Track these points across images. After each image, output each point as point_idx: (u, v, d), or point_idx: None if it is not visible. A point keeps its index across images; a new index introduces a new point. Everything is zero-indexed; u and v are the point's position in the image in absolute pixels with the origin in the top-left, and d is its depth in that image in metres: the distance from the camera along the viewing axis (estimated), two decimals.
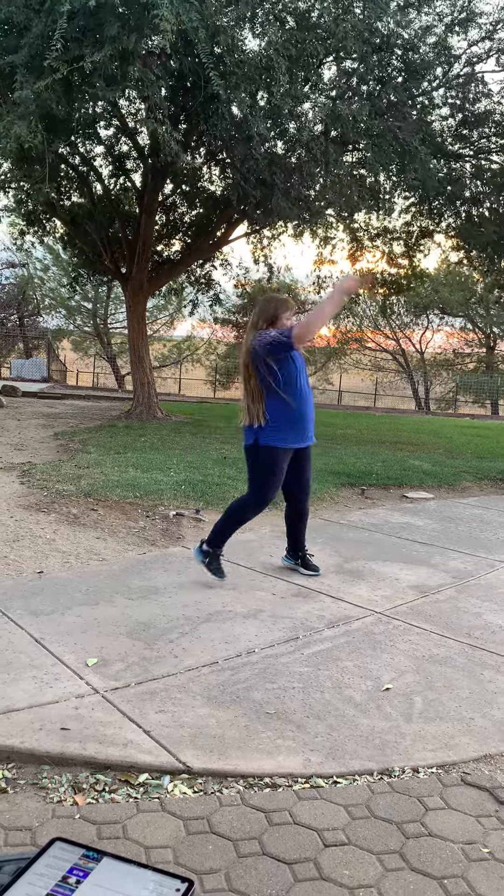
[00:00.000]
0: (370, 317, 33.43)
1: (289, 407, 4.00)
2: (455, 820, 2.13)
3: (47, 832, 1.97)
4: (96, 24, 7.04)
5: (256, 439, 4.04)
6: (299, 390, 4.03)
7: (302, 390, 4.06)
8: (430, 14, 10.01)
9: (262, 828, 2.04)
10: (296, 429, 4.06)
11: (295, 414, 4.03)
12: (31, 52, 7.06)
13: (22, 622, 3.34)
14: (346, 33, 8.20)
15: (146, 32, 7.20)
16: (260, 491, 4.15)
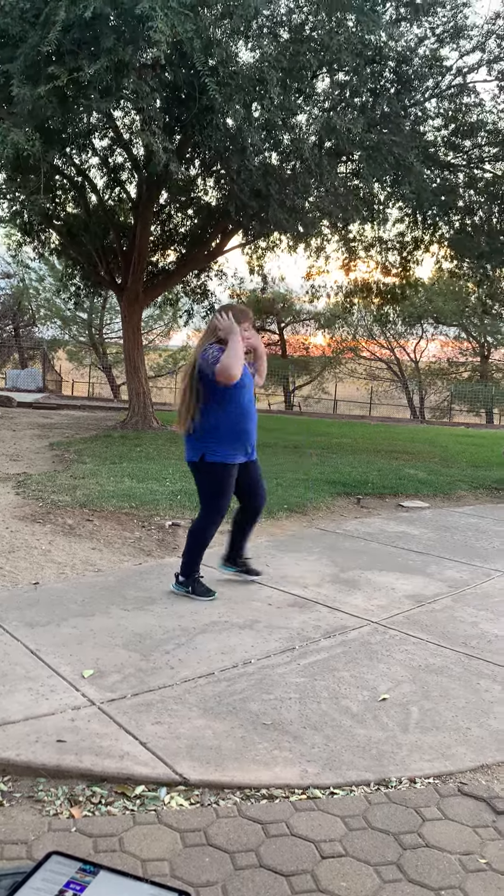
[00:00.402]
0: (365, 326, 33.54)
1: (231, 422, 3.98)
2: (452, 831, 2.12)
3: (43, 846, 1.96)
4: (91, 37, 7.09)
5: (202, 456, 4.00)
6: (242, 407, 4.01)
7: (245, 407, 4.03)
8: (421, 27, 10.10)
9: (259, 839, 2.03)
10: (238, 444, 4.03)
11: (237, 429, 4.00)
12: (27, 62, 7.10)
13: (18, 634, 3.34)
14: (339, 46, 8.26)
15: (141, 45, 7.25)
16: (212, 508, 4.10)
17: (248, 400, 4.07)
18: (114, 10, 6.86)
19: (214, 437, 3.98)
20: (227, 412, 3.98)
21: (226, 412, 3.98)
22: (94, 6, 6.48)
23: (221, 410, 3.98)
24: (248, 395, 4.09)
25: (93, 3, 6.46)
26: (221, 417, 3.97)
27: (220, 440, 3.98)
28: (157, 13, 6.47)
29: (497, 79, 10.73)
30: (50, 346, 31.75)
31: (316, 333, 35.45)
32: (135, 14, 6.63)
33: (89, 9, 6.48)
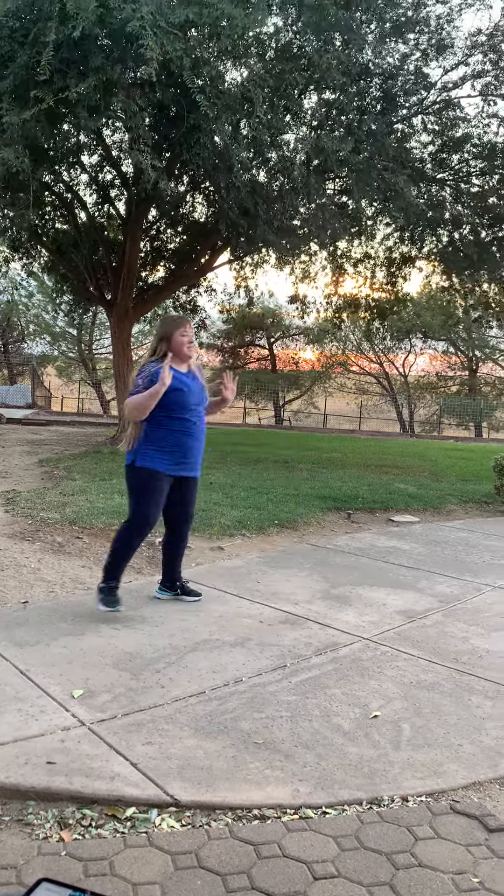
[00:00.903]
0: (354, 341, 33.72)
1: (167, 433, 3.92)
2: (445, 850, 2.11)
3: (33, 870, 1.94)
4: (80, 56, 7.14)
5: (134, 460, 3.96)
6: (181, 421, 3.92)
7: (185, 424, 3.94)
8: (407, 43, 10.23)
9: (251, 861, 2.02)
10: (173, 456, 3.94)
11: (173, 441, 3.93)
12: (16, 81, 7.15)
13: (7, 653, 3.31)
14: (327, 64, 8.36)
15: (130, 64, 7.31)
16: (138, 514, 4.01)
17: (189, 414, 3.95)
18: (103, 29, 6.93)
19: (150, 443, 3.93)
20: (167, 429, 3.92)
21: (165, 428, 3.92)
22: (83, 26, 6.54)
23: (160, 426, 3.92)
24: (193, 410, 3.98)
25: (82, 23, 6.52)
26: (159, 432, 3.92)
27: (154, 447, 3.92)
28: (147, 32, 6.53)
29: (481, 93, 10.88)
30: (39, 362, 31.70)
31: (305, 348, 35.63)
32: (124, 33, 6.69)
33: (78, 28, 6.54)
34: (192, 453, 4.02)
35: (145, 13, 6.55)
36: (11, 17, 7.00)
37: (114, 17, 6.72)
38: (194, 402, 3.98)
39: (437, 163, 11.74)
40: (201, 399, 4.06)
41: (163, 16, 6.83)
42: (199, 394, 4.04)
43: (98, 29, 6.83)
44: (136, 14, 6.54)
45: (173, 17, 6.89)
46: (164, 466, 3.94)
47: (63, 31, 6.72)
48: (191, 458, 4.03)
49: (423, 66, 10.40)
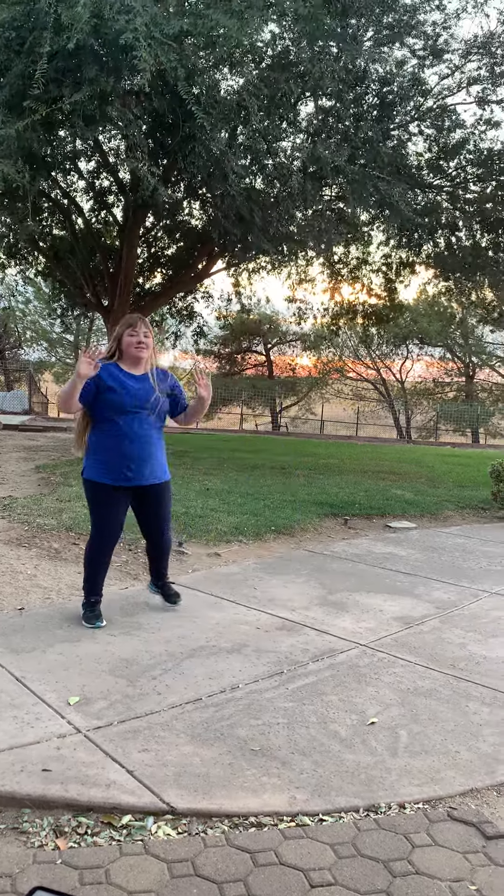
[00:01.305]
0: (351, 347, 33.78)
1: (104, 438, 3.81)
2: (442, 857, 2.11)
3: (28, 879, 1.92)
4: (75, 66, 7.16)
5: (83, 468, 3.89)
6: (122, 431, 3.77)
7: (122, 427, 3.77)
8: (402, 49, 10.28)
9: (248, 869, 2.01)
10: (114, 466, 3.78)
11: (110, 447, 3.78)
12: (12, 91, 7.16)
13: (2, 660, 3.30)
14: (321, 72, 8.39)
15: (124, 73, 7.33)
16: (95, 526, 3.94)
17: (128, 420, 3.78)
18: (98, 40, 6.95)
19: (92, 452, 3.85)
20: (106, 433, 3.80)
21: (104, 432, 3.81)
22: (78, 37, 6.55)
23: (100, 430, 3.83)
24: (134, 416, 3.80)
25: (77, 34, 6.54)
26: (100, 437, 3.82)
27: (96, 458, 3.83)
28: (141, 43, 6.55)
29: (476, 100, 10.93)
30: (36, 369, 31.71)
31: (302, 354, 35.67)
32: (118, 44, 6.71)
33: (73, 39, 6.56)
34: (134, 461, 3.80)
35: (139, 25, 6.57)
36: (7, 27, 7.02)
37: (108, 28, 6.74)
38: (132, 405, 3.77)
39: (433, 169, 11.79)
40: (146, 402, 3.81)
41: (157, 27, 6.85)
42: (143, 396, 3.80)
43: (93, 40, 6.85)
44: (130, 25, 6.55)
45: (168, 29, 6.92)
46: (108, 478, 3.79)
47: (58, 41, 6.74)
48: (134, 466, 3.80)
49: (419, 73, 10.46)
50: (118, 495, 3.85)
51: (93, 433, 3.87)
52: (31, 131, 7.13)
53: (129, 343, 3.84)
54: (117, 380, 3.78)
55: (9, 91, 7.06)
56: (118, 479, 3.80)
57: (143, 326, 3.87)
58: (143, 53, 6.49)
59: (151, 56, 6.62)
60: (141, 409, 3.81)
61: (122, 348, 3.87)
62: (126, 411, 3.77)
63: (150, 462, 3.87)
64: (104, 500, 3.86)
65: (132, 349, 3.84)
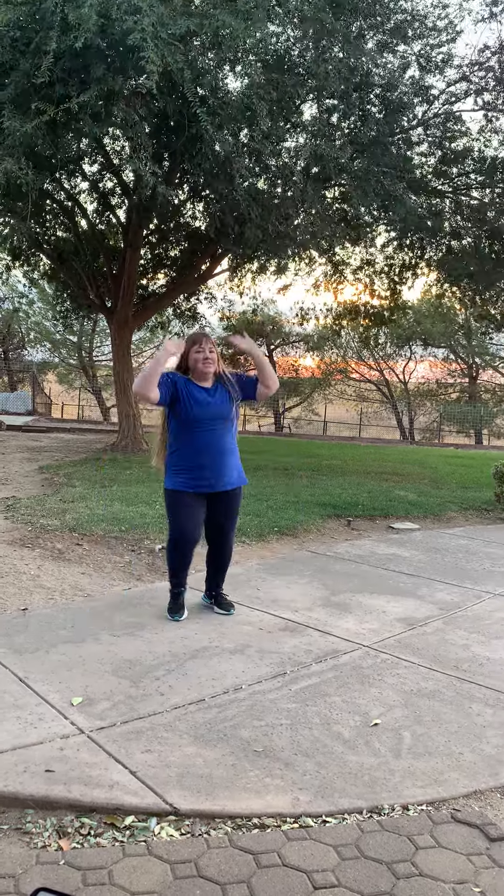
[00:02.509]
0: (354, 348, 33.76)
1: (182, 451, 3.97)
2: (446, 859, 2.10)
3: (31, 879, 1.92)
4: (82, 66, 7.17)
5: (165, 481, 4.07)
6: (192, 437, 3.94)
7: (195, 438, 3.93)
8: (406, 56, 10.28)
9: (251, 870, 2.00)
10: (191, 474, 3.95)
11: (187, 459, 3.95)
12: (17, 90, 7.17)
13: (6, 661, 3.30)
14: (326, 73, 8.39)
15: (130, 73, 7.34)
16: (170, 531, 4.11)
17: (205, 435, 3.94)
18: (105, 40, 6.96)
19: (171, 462, 4.03)
20: (181, 443, 3.98)
21: (179, 443, 3.98)
22: (85, 37, 6.56)
23: (176, 441, 4.00)
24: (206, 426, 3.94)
25: (84, 34, 6.54)
26: (176, 447, 4.00)
27: (173, 468, 4.01)
28: (148, 43, 6.56)
29: (483, 108, 10.92)
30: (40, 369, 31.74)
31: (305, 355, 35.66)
32: (126, 45, 6.72)
33: (80, 39, 6.57)
34: (208, 469, 3.96)
35: (146, 25, 6.58)
36: (13, 27, 7.03)
37: (115, 29, 6.75)
38: (209, 417, 3.94)
39: (437, 174, 11.78)
40: (220, 414, 3.97)
41: (164, 27, 6.86)
42: (217, 408, 3.97)
43: (99, 40, 6.86)
44: (138, 26, 6.56)
45: (174, 29, 6.92)
46: (182, 486, 3.97)
47: (65, 41, 6.75)
48: (210, 474, 3.97)
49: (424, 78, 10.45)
50: (193, 501, 4.01)
51: (170, 447, 4.04)
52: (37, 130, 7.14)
53: (196, 360, 3.97)
54: (192, 393, 3.94)
55: (14, 90, 7.07)
56: (194, 486, 3.97)
57: (207, 343, 4.02)
58: (151, 54, 6.50)
59: (159, 57, 6.63)
60: (216, 420, 3.97)
61: (189, 365, 4.00)
62: (202, 423, 3.93)
63: (226, 470, 4.03)
64: (180, 506, 4.02)
65: (199, 365, 3.96)
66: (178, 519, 4.04)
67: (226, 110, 7.77)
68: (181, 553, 4.12)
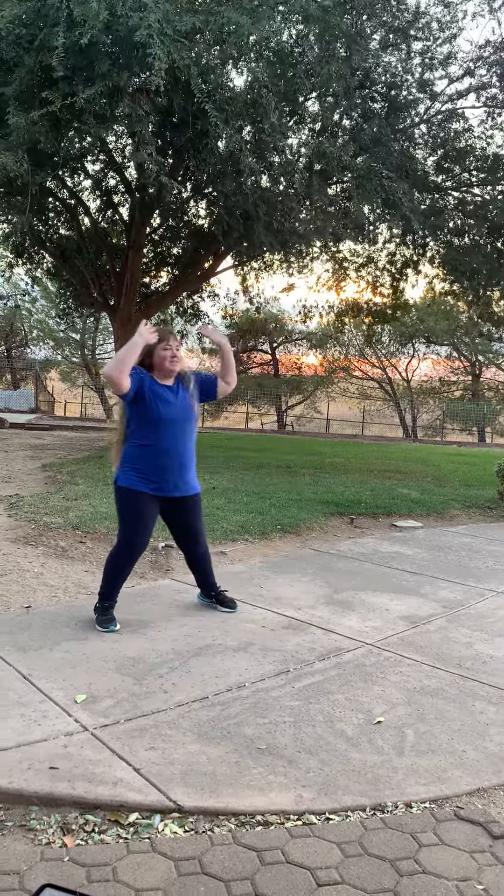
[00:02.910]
0: (356, 346, 33.74)
1: (142, 450, 3.81)
2: (449, 856, 2.10)
3: (35, 876, 1.93)
4: (87, 62, 7.16)
5: (116, 478, 3.89)
6: (156, 437, 3.79)
7: (160, 439, 3.79)
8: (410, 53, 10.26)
9: (255, 867, 2.01)
10: (150, 476, 3.80)
11: (147, 459, 3.80)
12: (22, 86, 7.17)
13: (9, 658, 3.31)
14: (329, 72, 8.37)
15: (136, 69, 7.33)
16: (123, 534, 3.91)
17: (169, 436, 3.81)
18: (110, 37, 6.95)
19: (128, 461, 3.85)
20: (143, 443, 3.82)
21: (141, 443, 3.82)
22: (91, 33, 6.55)
23: (137, 440, 3.83)
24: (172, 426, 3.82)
25: (90, 31, 6.54)
26: (137, 447, 3.83)
27: (131, 466, 3.83)
28: (155, 40, 6.55)
29: (485, 105, 10.90)
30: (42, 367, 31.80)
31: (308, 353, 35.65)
32: (132, 42, 6.71)
33: (86, 35, 6.56)
34: (170, 472, 3.83)
35: (153, 21, 6.57)
36: (18, 23, 7.03)
37: (121, 25, 6.74)
38: (171, 417, 3.81)
39: (439, 171, 11.76)
40: (184, 414, 3.87)
41: (170, 23, 6.85)
42: (181, 408, 3.85)
43: (105, 36, 6.85)
44: (144, 22, 6.55)
45: (180, 25, 6.91)
46: (139, 486, 3.80)
47: (70, 37, 6.75)
48: (169, 478, 3.83)
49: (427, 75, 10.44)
50: (151, 505, 3.86)
51: (129, 446, 3.87)
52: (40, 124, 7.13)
53: (163, 357, 3.83)
54: (157, 392, 3.81)
55: (19, 86, 7.07)
56: (152, 488, 3.82)
57: (174, 341, 3.89)
58: (157, 51, 6.49)
59: (165, 54, 6.62)
60: (178, 421, 3.84)
61: (154, 362, 3.85)
62: (164, 424, 3.79)
63: (183, 474, 3.90)
64: (136, 509, 3.84)
65: (166, 363, 3.84)
66: (134, 522, 3.87)
67: (232, 106, 7.76)
68: (129, 559, 3.94)
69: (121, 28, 6.78)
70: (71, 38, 6.72)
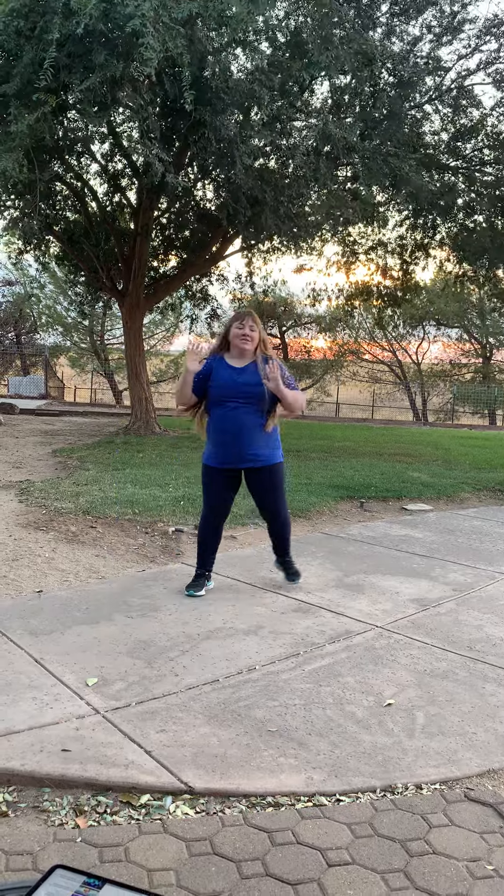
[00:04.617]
0: (366, 329, 33.56)
1: (211, 426, 4.15)
2: (459, 837, 2.11)
3: (48, 856, 1.95)
4: (84, 51, 7.08)
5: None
6: (218, 416, 4.09)
7: (221, 416, 4.07)
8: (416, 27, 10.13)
9: (265, 848, 2.02)
10: (218, 449, 4.14)
11: (214, 434, 4.13)
12: (23, 80, 7.10)
13: (21, 642, 3.33)
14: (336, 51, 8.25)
15: (134, 56, 7.25)
16: (205, 505, 4.30)
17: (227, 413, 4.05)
18: (106, 25, 6.87)
19: (208, 440, 4.20)
20: (212, 421, 4.15)
21: (211, 421, 4.15)
22: (85, 22, 6.48)
23: (210, 419, 4.16)
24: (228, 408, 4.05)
25: (84, 20, 6.46)
26: (209, 425, 4.18)
27: (207, 443, 4.20)
28: (149, 29, 6.46)
29: (494, 80, 10.74)
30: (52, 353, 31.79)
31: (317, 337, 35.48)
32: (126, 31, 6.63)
33: (81, 25, 6.49)
34: (231, 446, 4.09)
35: (147, 10, 6.48)
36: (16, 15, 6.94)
37: (117, 13, 6.65)
38: (230, 395, 4.03)
39: (450, 150, 11.62)
40: (243, 394, 4.04)
41: (166, 11, 6.75)
42: (240, 388, 4.04)
43: (101, 25, 6.77)
44: (139, 11, 6.46)
45: (177, 12, 6.82)
46: (213, 461, 4.16)
47: (67, 26, 6.67)
48: (233, 451, 4.09)
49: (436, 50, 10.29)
50: (222, 477, 4.18)
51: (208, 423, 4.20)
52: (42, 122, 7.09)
53: (235, 335, 4.08)
54: (217, 373, 4.08)
55: (20, 81, 7.00)
56: (220, 462, 4.15)
57: (249, 320, 4.11)
58: (150, 40, 6.41)
59: (159, 43, 6.54)
60: (236, 398, 4.04)
61: (229, 339, 4.12)
62: (225, 402, 4.06)
63: (248, 448, 4.10)
64: (209, 481, 4.22)
65: (237, 341, 4.08)
66: (208, 493, 4.25)
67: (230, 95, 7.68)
68: (207, 527, 4.29)
69: (117, 16, 6.69)
70: (68, 28, 6.64)
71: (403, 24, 9.94)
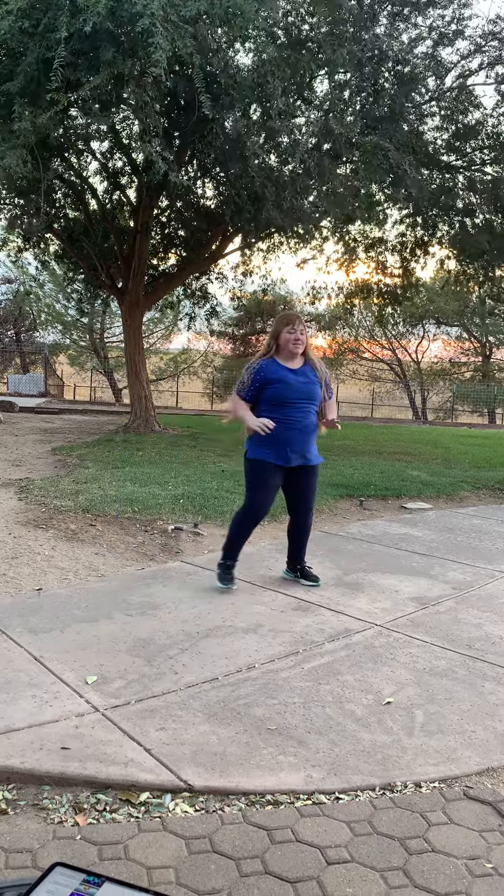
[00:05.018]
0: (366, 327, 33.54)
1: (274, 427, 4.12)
2: (458, 835, 2.12)
3: (48, 854, 1.95)
4: (91, 48, 7.07)
5: (246, 450, 4.29)
6: (281, 414, 4.13)
7: (286, 414, 4.13)
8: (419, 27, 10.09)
9: (265, 846, 2.03)
10: (275, 448, 4.16)
11: (274, 433, 4.11)
12: (27, 78, 7.08)
13: (21, 640, 3.33)
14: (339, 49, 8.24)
15: (140, 55, 7.24)
16: (248, 500, 4.32)
17: (291, 410, 4.14)
18: (113, 23, 6.86)
19: (257, 438, 4.18)
20: (267, 415, 4.14)
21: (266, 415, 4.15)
22: (93, 20, 6.47)
23: (262, 414, 4.17)
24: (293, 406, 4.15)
25: (92, 18, 6.45)
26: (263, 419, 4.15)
27: (260, 441, 4.17)
28: (158, 29, 6.45)
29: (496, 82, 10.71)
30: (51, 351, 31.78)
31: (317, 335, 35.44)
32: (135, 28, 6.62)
33: (89, 23, 6.47)
34: (294, 445, 4.17)
35: (155, 9, 6.46)
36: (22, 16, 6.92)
37: (125, 11, 6.64)
38: (294, 397, 4.13)
39: (450, 150, 11.60)
40: (306, 394, 4.17)
41: (174, 9, 6.74)
42: (303, 388, 4.16)
43: (109, 23, 6.76)
44: (147, 10, 6.45)
45: (185, 11, 6.80)
46: (266, 457, 4.19)
47: (74, 23, 6.65)
48: (295, 449, 4.18)
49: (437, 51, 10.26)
50: (275, 473, 4.24)
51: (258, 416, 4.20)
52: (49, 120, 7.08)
53: (287, 339, 4.17)
54: (279, 374, 4.16)
55: (23, 79, 6.99)
56: (277, 459, 4.19)
57: (299, 324, 4.21)
58: (160, 40, 6.40)
59: (168, 43, 6.53)
60: (301, 399, 4.17)
61: (279, 343, 4.21)
62: (288, 403, 4.14)
63: (308, 447, 4.26)
64: (261, 477, 4.24)
65: (290, 345, 4.17)
66: (258, 490, 4.26)
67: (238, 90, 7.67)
68: (252, 522, 4.32)
69: (124, 14, 6.68)
70: (75, 25, 6.63)
71: (404, 23, 9.91)
